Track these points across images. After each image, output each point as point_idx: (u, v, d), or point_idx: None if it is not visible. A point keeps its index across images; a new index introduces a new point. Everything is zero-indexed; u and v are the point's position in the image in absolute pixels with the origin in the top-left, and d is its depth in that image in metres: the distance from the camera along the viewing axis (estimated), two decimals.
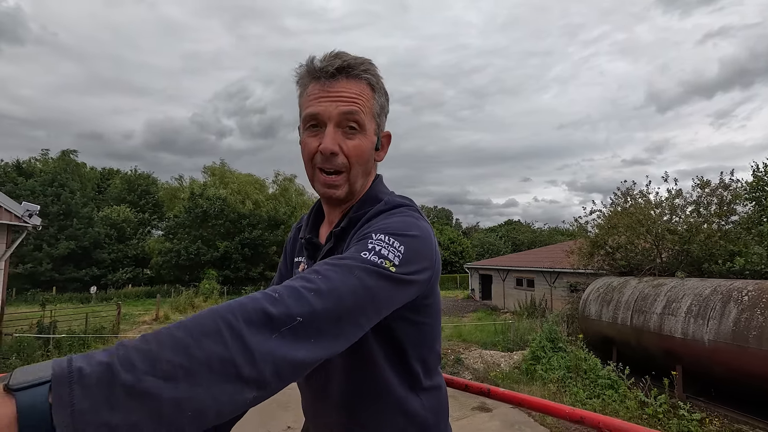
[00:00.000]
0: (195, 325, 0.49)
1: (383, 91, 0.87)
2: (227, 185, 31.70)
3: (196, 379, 0.45)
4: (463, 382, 1.37)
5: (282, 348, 0.52)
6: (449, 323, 15.56)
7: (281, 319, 0.53)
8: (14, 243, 8.52)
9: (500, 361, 9.10)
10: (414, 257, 0.71)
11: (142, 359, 0.44)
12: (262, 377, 0.50)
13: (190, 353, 0.46)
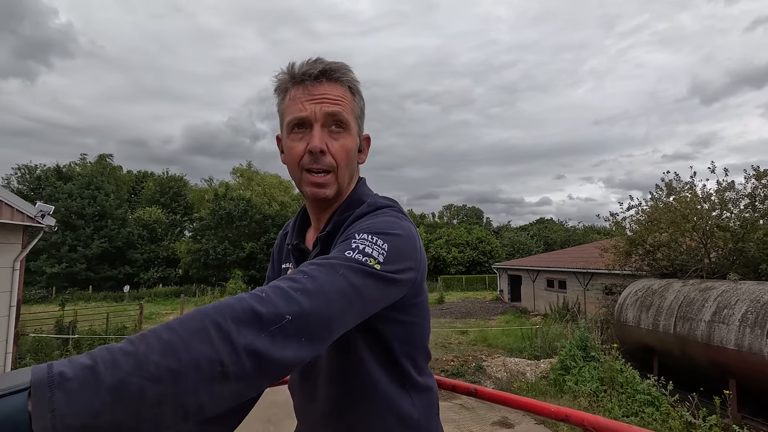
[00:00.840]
0: (182, 327, 0.49)
1: (361, 95, 0.90)
2: (252, 187, 32.03)
3: (183, 379, 0.46)
4: (450, 383, 1.36)
5: (270, 347, 0.52)
6: (474, 326, 14.85)
7: (270, 318, 0.53)
8: (30, 244, 8.61)
9: (526, 370, 8.38)
10: (398, 255, 0.72)
11: (128, 361, 0.44)
12: (249, 376, 0.50)
13: (178, 355, 0.46)
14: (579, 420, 1.06)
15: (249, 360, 0.50)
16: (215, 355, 0.48)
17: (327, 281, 0.61)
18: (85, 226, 26.76)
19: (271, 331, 0.53)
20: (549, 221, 53.07)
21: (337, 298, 0.61)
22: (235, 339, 0.50)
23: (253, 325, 0.52)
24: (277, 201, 31.53)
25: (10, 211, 7.22)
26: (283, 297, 0.56)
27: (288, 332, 0.54)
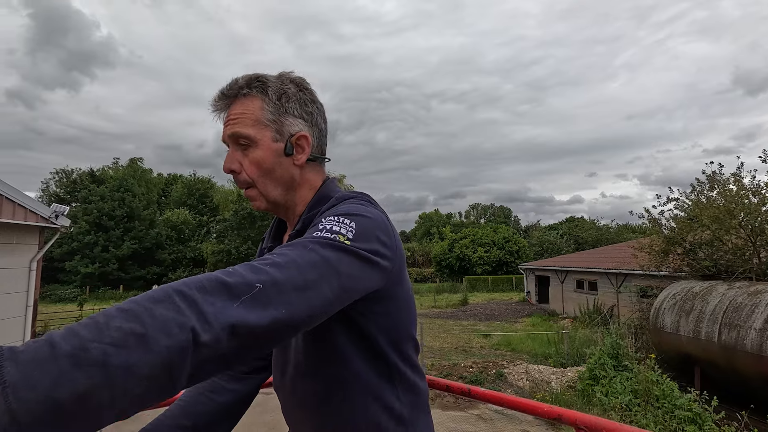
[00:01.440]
0: (144, 298, 0.47)
1: (284, 94, 0.85)
2: None
3: (150, 344, 0.43)
4: (444, 383, 1.36)
5: (243, 314, 0.50)
6: (498, 329, 14.22)
7: (239, 287, 0.51)
8: (47, 244, 8.73)
9: (550, 379, 7.78)
10: (367, 235, 0.70)
11: (88, 330, 0.41)
12: (220, 343, 0.47)
13: (143, 320, 0.44)
14: (571, 419, 1.06)
15: (222, 328, 0.48)
16: (184, 319, 0.45)
17: (296, 254, 0.60)
18: (115, 228, 27.64)
19: (243, 300, 0.50)
20: (580, 219, 50.90)
21: (308, 269, 0.59)
22: (203, 306, 0.48)
23: (221, 293, 0.50)
24: None
25: (24, 212, 7.22)
26: (252, 270, 0.54)
27: (261, 300, 0.52)
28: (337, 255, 0.63)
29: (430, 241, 61.07)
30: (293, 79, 0.88)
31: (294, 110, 0.86)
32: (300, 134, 0.86)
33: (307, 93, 0.89)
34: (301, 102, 0.87)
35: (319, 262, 0.60)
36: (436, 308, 21.92)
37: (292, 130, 0.85)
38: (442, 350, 11.02)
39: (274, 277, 0.54)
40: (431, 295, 26.52)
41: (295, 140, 0.86)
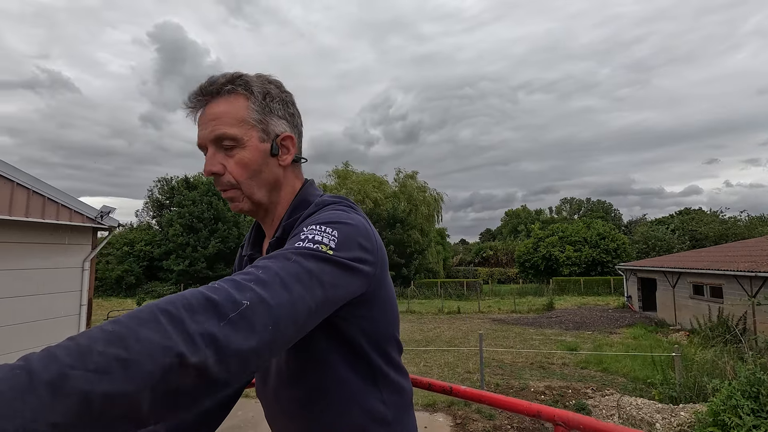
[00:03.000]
0: (129, 318, 0.44)
1: (267, 94, 0.84)
2: (347, 186, 32.24)
3: (134, 370, 0.40)
4: (426, 381, 1.37)
5: (229, 335, 0.47)
6: (588, 341, 11.92)
7: (226, 305, 0.49)
8: (99, 244, 8.98)
9: (654, 418, 5.79)
10: (349, 243, 0.70)
11: (68, 354, 0.39)
12: (208, 367, 0.45)
13: (127, 343, 0.41)
14: (550, 416, 1.08)
15: (209, 349, 0.45)
16: (170, 342, 0.43)
17: (280, 268, 0.58)
18: (203, 228, 29.81)
19: (231, 319, 0.48)
20: (697, 212, 42.89)
21: (293, 283, 0.57)
22: (189, 326, 0.45)
23: (207, 312, 0.48)
24: (370, 198, 31.16)
25: (69, 213, 7.22)
26: (237, 287, 0.52)
27: (247, 319, 0.50)
28: (320, 266, 0.62)
29: (515, 239, 57.33)
30: (273, 80, 0.87)
31: (278, 110, 0.85)
32: (286, 135, 0.85)
33: (287, 94, 0.88)
34: (283, 103, 0.86)
35: (302, 274, 0.59)
36: (516, 313, 19.66)
37: (278, 131, 0.84)
38: (513, 366, 9.30)
39: (260, 294, 0.53)
40: (511, 298, 24.03)
41: (281, 141, 0.85)
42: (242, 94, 0.81)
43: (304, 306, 0.57)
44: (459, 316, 18.65)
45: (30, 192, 6.36)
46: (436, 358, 10.02)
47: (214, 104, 0.81)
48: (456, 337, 13.13)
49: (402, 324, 12.35)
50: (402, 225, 29.27)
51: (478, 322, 16.67)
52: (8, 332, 5.57)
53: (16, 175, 6.02)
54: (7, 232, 5.99)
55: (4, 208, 5.91)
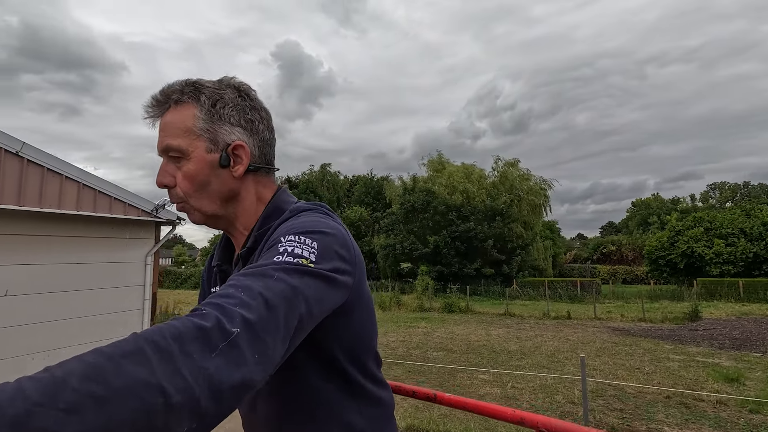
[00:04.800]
0: (113, 348, 0.41)
1: (219, 100, 0.79)
2: (439, 177, 30.41)
3: (112, 410, 0.37)
4: (410, 389, 1.37)
5: (221, 367, 0.45)
6: (755, 368, 8.53)
7: (215, 333, 0.47)
8: (163, 238, 8.99)
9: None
10: (329, 254, 0.68)
11: (38, 388, 0.35)
12: (197, 404, 0.42)
13: (106, 379, 0.38)
14: (533, 422, 1.08)
15: (198, 385, 0.42)
16: (153, 379, 0.40)
17: (263, 288, 0.56)
18: None
19: (221, 349, 0.46)
20: None
21: (279, 303, 0.55)
22: (177, 359, 0.42)
23: (198, 342, 0.45)
24: (459, 190, 28.82)
25: (123, 207, 7.12)
26: (225, 314, 0.49)
27: (239, 348, 0.47)
28: (303, 281, 0.61)
29: (645, 232, 49.30)
30: (234, 84, 0.83)
31: (231, 117, 0.80)
32: (236, 143, 0.80)
33: (248, 99, 0.83)
34: (240, 109, 0.81)
35: (287, 291, 0.57)
36: (646, 322, 15.86)
37: (228, 140, 0.80)
38: (639, 399, 6.79)
39: (248, 319, 0.50)
40: (639, 303, 19.61)
41: (231, 150, 0.80)
42: (190, 103, 0.78)
43: (291, 325, 0.56)
44: (568, 323, 15.66)
45: (80, 185, 6.19)
46: (530, 378, 7.94)
47: (166, 114, 0.79)
48: (561, 350, 10.64)
49: (496, 329, 9.97)
50: (502, 218, 26.44)
51: (593, 331, 13.64)
52: (73, 325, 5.55)
53: (65, 168, 5.85)
54: (64, 227, 5.92)
55: (54, 202, 5.79)
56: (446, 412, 5.99)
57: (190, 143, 0.77)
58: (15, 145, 5.28)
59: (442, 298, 21.03)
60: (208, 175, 0.78)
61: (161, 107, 0.79)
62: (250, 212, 0.83)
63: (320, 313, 0.64)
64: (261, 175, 0.85)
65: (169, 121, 0.78)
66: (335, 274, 0.67)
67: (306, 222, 0.72)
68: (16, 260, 5.39)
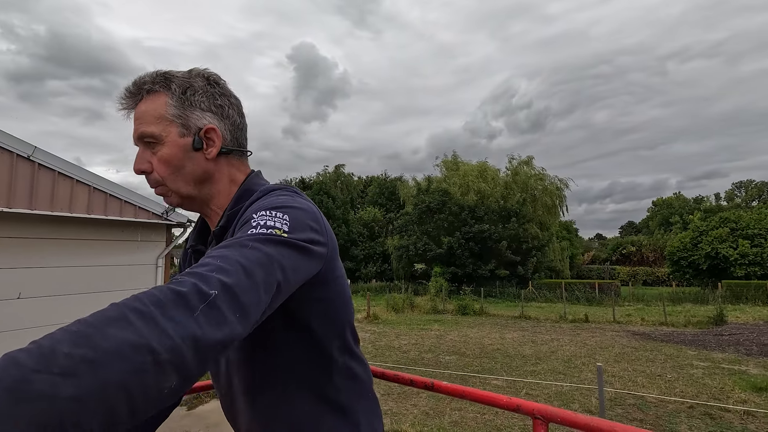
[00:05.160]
0: (95, 318, 0.43)
1: (189, 87, 0.82)
2: (454, 177, 30.07)
3: (104, 370, 0.38)
4: (408, 378, 1.38)
5: (203, 327, 0.47)
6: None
7: (194, 296, 0.49)
8: (174, 240, 9.03)
9: None
10: (301, 225, 0.70)
11: (31, 357, 0.37)
12: (183, 362, 0.44)
13: (95, 343, 0.39)
14: (529, 410, 1.09)
15: (184, 343, 0.44)
16: (141, 340, 0.42)
17: (239, 255, 0.57)
18: None
19: (202, 310, 0.48)
20: None
21: (255, 269, 0.57)
22: (161, 321, 0.44)
23: (178, 306, 0.47)
24: (473, 190, 28.41)
25: (134, 210, 7.18)
26: (202, 279, 0.51)
27: (218, 309, 0.49)
28: (277, 249, 0.62)
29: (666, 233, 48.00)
30: (203, 73, 0.86)
31: (201, 104, 0.83)
32: (208, 127, 0.84)
33: (217, 87, 0.86)
34: (209, 95, 0.85)
35: (262, 258, 0.59)
36: (668, 326, 15.33)
37: (200, 124, 0.83)
38: (661, 408, 6.51)
39: (225, 282, 0.52)
40: (660, 306, 19.01)
41: (203, 134, 0.83)
42: (161, 92, 0.81)
43: (268, 290, 0.57)
44: (586, 326, 15.25)
45: (91, 189, 6.24)
46: (545, 385, 7.70)
47: (140, 104, 0.81)
48: (578, 354, 10.34)
49: (510, 333, 9.72)
50: (517, 218, 25.98)
51: (612, 335, 13.24)
52: None
53: (75, 172, 5.90)
54: (75, 230, 5.97)
55: (65, 206, 5.85)
56: (457, 420, 5.83)
57: (164, 129, 0.80)
58: (26, 150, 5.32)
59: (456, 299, 20.76)
60: (182, 158, 0.81)
61: (134, 98, 0.82)
62: (224, 193, 0.87)
63: (295, 281, 0.66)
64: (234, 157, 0.88)
65: (143, 110, 0.81)
66: (308, 244, 0.69)
67: (276, 200, 0.75)
68: (29, 263, 5.44)
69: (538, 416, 1.06)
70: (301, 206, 0.74)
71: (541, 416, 1.06)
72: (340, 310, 0.84)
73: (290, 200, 0.75)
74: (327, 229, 0.79)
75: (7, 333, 5.03)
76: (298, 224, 0.69)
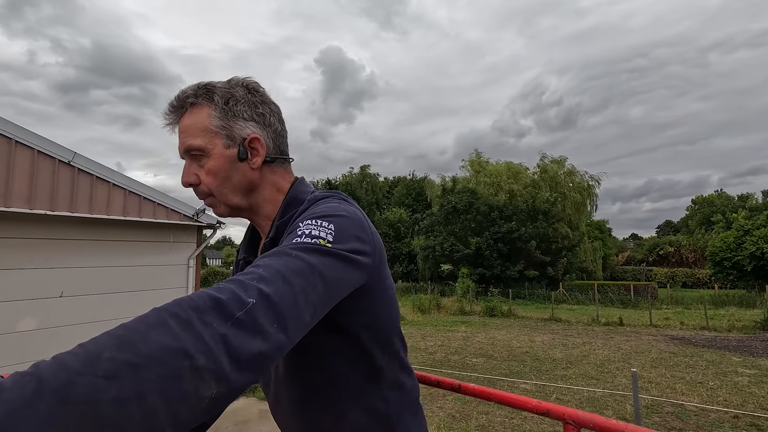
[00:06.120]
0: (138, 322, 0.44)
1: (231, 98, 0.83)
2: (481, 177, 29.59)
3: (144, 375, 0.40)
4: (434, 378, 1.36)
5: (240, 334, 0.47)
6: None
7: (232, 303, 0.49)
8: (205, 241, 9.28)
9: None
10: (346, 235, 0.70)
11: (77, 360, 0.38)
12: (220, 368, 0.44)
13: (136, 348, 0.41)
14: (559, 414, 1.06)
15: (219, 350, 0.45)
16: (178, 345, 0.42)
17: (281, 265, 0.58)
18: None
19: (238, 318, 0.48)
20: None
21: (295, 279, 0.56)
22: (198, 327, 0.45)
23: (215, 312, 0.47)
24: (504, 190, 27.84)
25: (165, 212, 7.44)
26: (241, 287, 0.52)
27: (255, 318, 0.49)
28: (320, 259, 0.62)
29: (707, 232, 45.67)
30: (243, 83, 0.86)
31: (243, 113, 0.84)
32: (252, 137, 0.84)
33: (257, 95, 0.86)
34: (251, 104, 0.85)
35: (304, 268, 0.59)
36: (710, 330, 14.55)
37: (244, 134, 0.83)
38: (702, 417, 6.16)
39: (264, 291, 0.52)
40: (701, 309, 18.04)
41: (248, 144, 0.84)
42: (204, 104, 0.82)
43: (309, 300, 0.57)
44: (620, 330, 14.68)
45: (126, 192, 6.51)
46: (576, 390, 7.45)
47: (183, 117, 0.82)
48: (612, 359, 9.95)
49: (540, 335, 9.52)
50: (545, 217, 25.31)
51: (648, 339, 12.68)
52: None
53: (112, 176, 6.17)
54: (112, 231, 6.25)
55: (102, 208, 6.13)
56: (484, 423, 5.72)
57: (209, 141, 0.81)
58: (67, 155, 5.59)
59: (484, 301, 20.44)
60: (229, 169, 0.82)
61: (178, 112, 0.83)
62: (271, 202, 0.88)
63: (338, 292, 0.65)
64: (277, 165, 0.89)
65: (187, 123, 0.82)
66: (353, 254, 0.68)
67: (323, 208, 0.75)
68: (70, 263, 5.71)
69: (569, 421, 1.02)
70: (348, 214, 0.74)
71: (572, 421, 1.02)
72: (389, 320, 0.83)
73: (337, 208, 0.75)
74: (375, 238, 0.77)
75: (51, 329, 5.30)
76: (344, 234, 0.68)
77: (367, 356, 0.80)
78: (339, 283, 0.64)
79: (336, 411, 0.80)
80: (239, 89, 0.84)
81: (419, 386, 0.96)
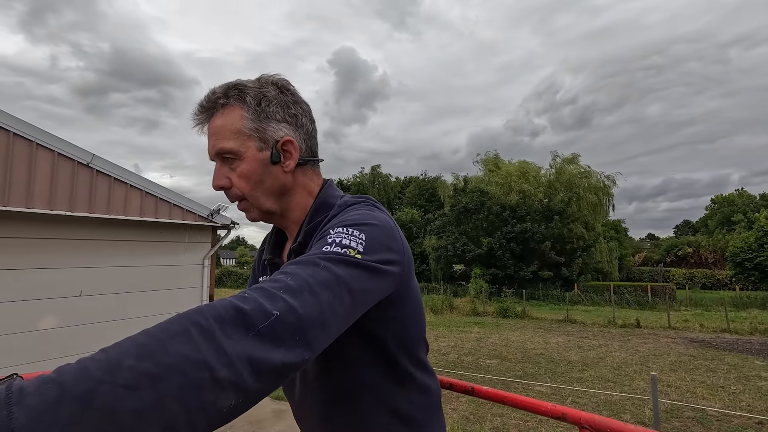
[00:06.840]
0: (160, 330, 0.44)
1: (263, 98, 0.80)
2: (493, 177, 29.34)
3: (164, 386, 0.40)
4: (447, 381, 1.31)
5: (261, 346, 0.47)
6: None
7: (255, 315, 0.48)
8: (219, 241, 9.38)
9: None
10: (377, 245, 0.69)
11: (99, 368, 0.39)
12: (240, 380, 0.44)
13: (156, 358, 0.41)
14: (575, 418, 1.04)
15: (240, 362, 0.45)
16: (199, 356, 0.42)
17: (309, 275, 0.57)
18: None
19: (260, 330, 0.48)
20: None
21: (322, 291, 0.56)
22: (220, 338, 0.45)
23: (238, 323, 0.47)
24: (515, 190, 27.55)
25: (181, 212, 7.55)
26: (267, 296, 0.51)
27: (278, 330, 0.49)
28: (348, 271, 0.62)
29: (728, 232, 44.54)
30: (273, 81, 0.83)
31: (276, 114, 0.81)
32: (285, 139, 0.82)
33: (289, 94, 0.84)
34: (283, 104, 0.82)
35: (331, 280, 0.58)
36: (731, 333, 14.17)
37: (277, 136, 0.81)
38: (724, 423, 6.00)
39: (289, 303, 0.51)
40: (722, 311, 17.59)
41: (281, 146, 0.82)
42: (236, 105, 0.79)
43: (334, 313, 0.56)
44: (637, 332, 14.38)
45: (143, 193, 6.62)
46: (593, 393, 7.32)
47: (214, 118, 0.80)
48: (629, 362, 9.76)
49: (555, 337, 9.38)
50: (560, 217, 24.96)
51: (666, 342, 12.39)
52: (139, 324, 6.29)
53: (129, 177, 6.28)
54: (129, 232, 6.36)
55: (120, 209, 6.24)
56: (498, 426, 5.66)
57: (242, 144, 0.79)
58: (86, 157, 5.70)
59: (497, 302, 20.25)
60: (262, 173, 0.80)
61: (208, 112, 0.81)
62: (301, 205, 0.86)
63: (364, 303, 0.64)
64: (308, 167, 0.87)
65: (218, 125, 0.79)
66: (382, 264, 0.67)
67: (354, 215, 0.74)
68: (89, 263, 5.82)
69: (586, 426, 1.00)
70: (380, 223, 0.73)
71: (588, 426, 1.00)
72: (416, 326, 0.83)
73: (368, 216, 0.74)
74: (404, 246, 0.76)
75: (70, 328, 5.41)
76: (374, 243, 0.68)
77: (395, 361, 0.80)
78: (366, 294, 0.64)
79: (363, 414, 0.80)
80: (271, 88, 0.82)
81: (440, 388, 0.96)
